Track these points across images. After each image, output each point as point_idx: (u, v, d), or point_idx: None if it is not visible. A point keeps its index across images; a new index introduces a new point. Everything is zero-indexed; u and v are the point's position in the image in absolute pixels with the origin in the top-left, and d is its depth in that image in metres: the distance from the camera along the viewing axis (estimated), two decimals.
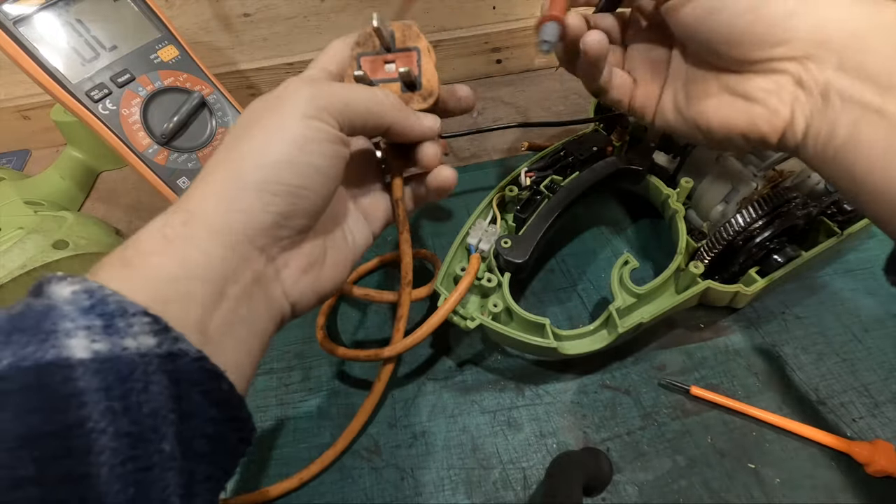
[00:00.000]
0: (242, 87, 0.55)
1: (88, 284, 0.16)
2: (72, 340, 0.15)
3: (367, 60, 0.26)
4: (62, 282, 0.17)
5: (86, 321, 0.16)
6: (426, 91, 0.26)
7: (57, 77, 0.36)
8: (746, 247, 0.32)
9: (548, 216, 0.35)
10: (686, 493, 0.29)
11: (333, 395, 0.34)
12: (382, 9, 0.52)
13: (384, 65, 0.26)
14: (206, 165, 0.22)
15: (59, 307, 0.16)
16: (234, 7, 0.50)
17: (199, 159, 0.40)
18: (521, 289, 0.38)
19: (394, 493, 0.30)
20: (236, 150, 0.21)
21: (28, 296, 0.17)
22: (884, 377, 0.32)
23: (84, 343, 0.15)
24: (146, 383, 0.16)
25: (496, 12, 0.55)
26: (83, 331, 0.15)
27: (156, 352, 0.16)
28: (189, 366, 0.17)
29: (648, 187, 0.39)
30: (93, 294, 0.16)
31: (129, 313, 0.16)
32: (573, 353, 0.31)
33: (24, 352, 0.14)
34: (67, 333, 0.15)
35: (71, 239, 0.41)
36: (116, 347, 0.15)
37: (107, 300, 0.16)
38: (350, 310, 0.39)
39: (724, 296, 0.33)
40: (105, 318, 0.16)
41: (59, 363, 0.15)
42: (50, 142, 0.57)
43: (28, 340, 0.15)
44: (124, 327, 0.16)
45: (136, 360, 0.16)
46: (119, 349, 0.15)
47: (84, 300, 0.16)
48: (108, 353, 0.15)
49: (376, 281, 0.40)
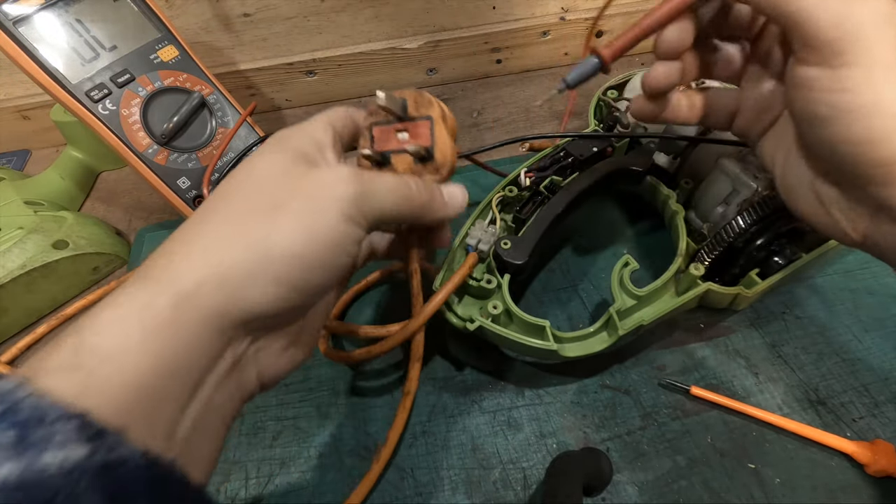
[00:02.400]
0: (242, 87, 0.55)
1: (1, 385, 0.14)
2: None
3: (378, 130, 0.25)
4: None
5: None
6: (439, 163, 0.25)
7: (57, 77, 0.36)
8: (747, 249, 0.32)
9: (547, 217, 0.35)
10: (686, 493, 0.29)
11: (333, 395, 0.34)
12: (382, 8, 0.52)
13: (396, 134, 0.25)
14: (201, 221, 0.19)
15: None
16: (234, 7, 0.50)
17: (198, 159, 0.40)
18: (520, 290, 0.38)
19: (394, 493, 0.30)
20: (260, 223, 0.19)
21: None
22: (884, 377, 0.32)
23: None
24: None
25: (496, 12, 0.55)
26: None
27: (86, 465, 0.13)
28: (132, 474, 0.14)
29: (648, 188, 0.39)
30: (3, 398, 0.13)
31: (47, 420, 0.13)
32: (573, 355, 0.31)
33: None
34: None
35: (71, 239, 0.41)
36: (31, 468, 0.12)
37: (19, 405, 0.13)
38: (351, 310, 0.39)
39: (725, 298, 0.33)
40: (18, 429, 0.13)
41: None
42: (50, 142, 0.57)
43: None
44: (42, 438, 0.13)
45: (59, 483, 0.13)
46: (35, 470, 0.12)
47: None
48: (17, 479, 0.12)
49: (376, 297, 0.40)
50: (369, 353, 0.31)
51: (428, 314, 0.29)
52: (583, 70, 0.25)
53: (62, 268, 0.40)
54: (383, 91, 0.24)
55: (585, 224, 0.42)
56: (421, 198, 0.23)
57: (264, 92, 0.57)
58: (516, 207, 0.36)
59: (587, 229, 0.42)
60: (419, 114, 0.25)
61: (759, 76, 0.26)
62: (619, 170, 0.37)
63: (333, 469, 0.31)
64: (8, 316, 0.39)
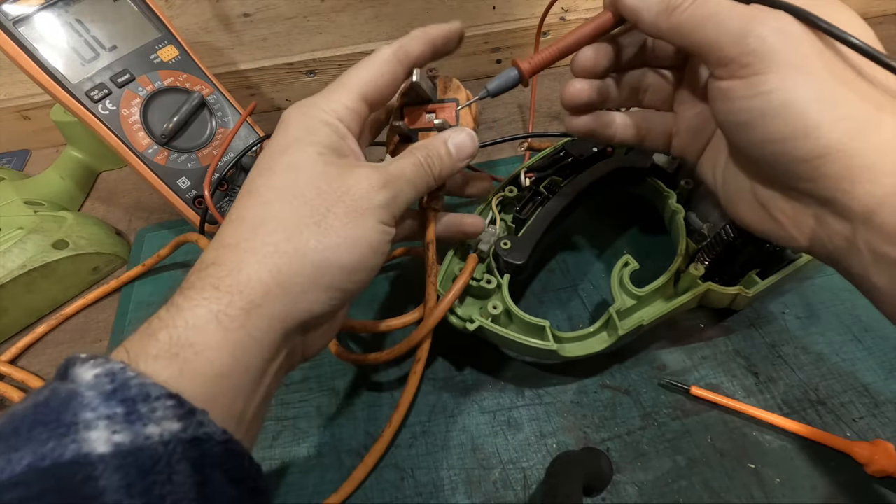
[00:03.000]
0: (242, 87, 0.55)
1: (111, 366, 0.16)
2: (92, 433, 0.15)
3: (409, 110, 0.29)
4: (85, 364, 0.16)
5: (107, 409, 0.15)
6: None
7: (57, 77, 0.36)
8: (747, 249, 0.32)
9: (547, 217, 0.35)
10: (686, 493, 0.29)
11: (333, 395, 0.34)
12: (382, 8, 0.52)
13: (425, 115, 0.29)
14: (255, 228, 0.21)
15: (80, 394, 0.15)
16: (234, 7, 0.50)
17: (198, 159, 0.40)
18: (520, 290, 0.38)
19: (394, 493, 0.30)
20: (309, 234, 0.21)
21: (54, 377, 0.17)
22: (884, 377, 0.32)
23: (105, 435, 0.15)
24: (169, 474, 0.15)
25: (496, 12, 0.55)
26: (104, 420, 0.15)
27: (180, 437, 0.16)
28: (214, 449, 0.16)
29: (648, 188, 0.38)
30: (115, 377, 0.16)
31: (151, 397, 0.16)
32: (573, 355, 0.31)
33: (44, 450, 0.14)
34: (88, 425, 0.15)
35: (71, 239, 0.41)
36: (139, 437, 0.15)
37: (129, 384, 0.16)
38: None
39: (725, 298, 0.33)
40: (127, 405, 0.15)
41: (79, 460, 0.14)
42: (50, 142, 0.57)
43: (48, 436, 0.14)
44: (147, 413, 0.15)
45: (160, 450, 0.15)
46: (141, 439, 0.15)
47: (106, 384, 0.16)
48: (129, 444, 0.15)
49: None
50: (378, 358, 0.32)
51: (436, 319, 0.30)
52: (503, 81, 0.27)
53: (62, 268, 0.40)
54: (417, 70, 0.27)
55: (585, 224, 0.42)
56: (434, 170, 0.26)
57: (264, 92, 0.57)
58: (516, 207, 0.36)
59: (587, 229, 0.42)
60: (447, 97, 0.29)
61: (689, 99, 0.27)
62: (619, 170, 0.37)
63: (333, 469, 0.31)
64: (8, 316, 0.39)
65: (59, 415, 0.15)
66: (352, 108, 0.24)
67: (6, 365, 0.36)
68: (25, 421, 0.15)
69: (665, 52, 0.28)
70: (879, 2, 0.62)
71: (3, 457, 0.14)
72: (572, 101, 0.28)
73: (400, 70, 0.26)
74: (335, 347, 0.34)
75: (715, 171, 0.26)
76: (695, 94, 0.27)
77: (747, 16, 0.20)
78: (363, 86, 0.25)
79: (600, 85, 0.28)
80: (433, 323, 0.30)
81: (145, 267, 0.41)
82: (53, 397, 0.15)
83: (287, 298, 0.20)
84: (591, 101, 0.28)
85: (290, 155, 0.23)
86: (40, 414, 0.15)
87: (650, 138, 0.29)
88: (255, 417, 0.20)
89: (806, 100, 0.19)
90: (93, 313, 0.41)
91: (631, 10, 0.24)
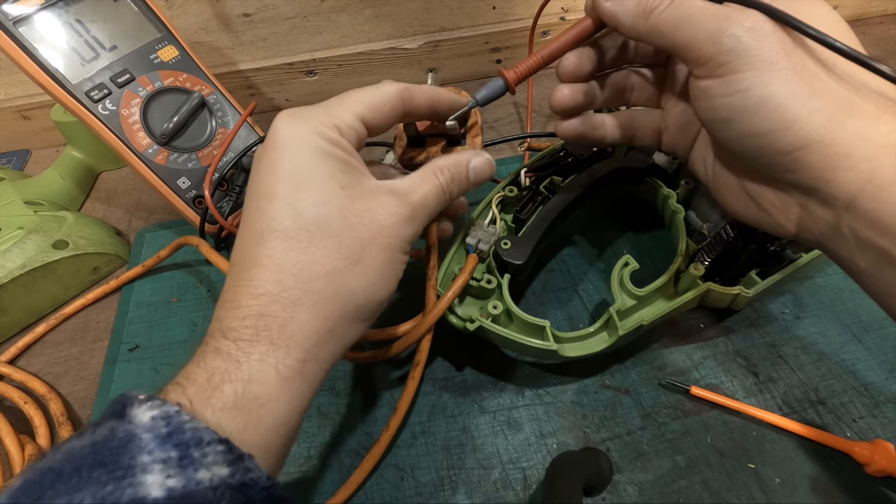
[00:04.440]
0: (242, 87, 0.55)
1: (166, 409, 0.17)
2: (148, 477, 0.15)
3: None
4: (143, 405, 0.17)
5: (162, 453, 0.16)
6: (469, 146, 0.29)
7: (57, 77, 0.36)
8: (747, 249, 0.32)
9: (547, 217, 0.35)
10: (686, 493, 0.29)
11: (333, 395, 0.34)
12: (382, 8, 0.52)
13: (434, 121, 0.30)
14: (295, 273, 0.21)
15: (138, 436, 0.16)
16: (234, 7, 0.50)
17: (198, 159, 0.40)
18: (520, 290, 0.38)
19: (394, 493, 0.30)
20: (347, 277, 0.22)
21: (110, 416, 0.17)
22: (884, 377, 0.32)
23: (160, 479, 0.15)
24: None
25: (496, 12, 0.55)
26: (159, 464, 0.16)
27: (228, 482, 0.16)
28: (258, 494, 0.17)
29: (648, 188, 0.38)
30: (170, 420, 0.16)
31: (204, 442, 0.16)
32: (573, 355, 0.31)
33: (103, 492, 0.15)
34: (144, 469, 0.15)
35: (71, 239, 0.41)
36: (191, 482, 0.16)
37: (183, 427, 0.16)
38: None
39: (725, 297, 0.33)
40: (181, 449, 0.16)
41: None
42: (50, 142, 0.57)
43: (108, 478, 0.15)
44: (199, 458, 0.16)
45: (209, 496, 0.16)
46: (193, 484, 0.16)
47: (162, 427, 0.16)
48: (181, 489, 0.15)
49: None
50: (374, 357, 0.31)
51: (434, 318, 0.30)
52: (490, 91, 0.29)
53: (62, 268, 0.40)
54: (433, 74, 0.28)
55: (585, 224, 0.42)
56: (452, 195, 0.26)
57: (264, 92, 0.57)
58: (516, 207, 0.36)
59: (587, 229, 0.42)
60: None
61: (675, 96, 0.28)
62: (619, 170, 0.37)
63: (333, 469, 0.31)
64: (8, 316, 0.39)
65: (117, 456, 0.16)
66: (351, 126, 0.24)
67: (6, 365, 0.36)
68: (85, 461, 0.15)
69: (646, 51, 0.29)
70: (879, 2, 0.62)
71: (64, 496, 0.15)
72: (560, 106, 0.29)
73: (400, 108, 0.26)
74: None
75: (706, 165, 0.27)
76: (678, 91, 0.28)
77: (721, 16, 0.21)
78: (364, 109, 0.24)
79: (586, 88, 0.29)
80: (433, 320, 0.30)
81: (145, 267, 0.41)
82: (112, 437, 0.16)
83: (335, 341, 0.22)
84: (579, 104, 0.29)
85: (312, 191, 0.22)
86: (99, 455, 0.16)
87: (640, 136, 0.30)
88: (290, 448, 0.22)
89: (782, 94, 0.20)
90: (93, 313, 0.41)
91: (609, 14, 0.24)
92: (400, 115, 0.26)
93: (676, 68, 0.28)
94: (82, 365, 0.38)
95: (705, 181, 0.28)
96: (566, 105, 0.28)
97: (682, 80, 0.27)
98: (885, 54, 0.58)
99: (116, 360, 0.37)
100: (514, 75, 0.28)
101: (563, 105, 0.28)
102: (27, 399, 0.34)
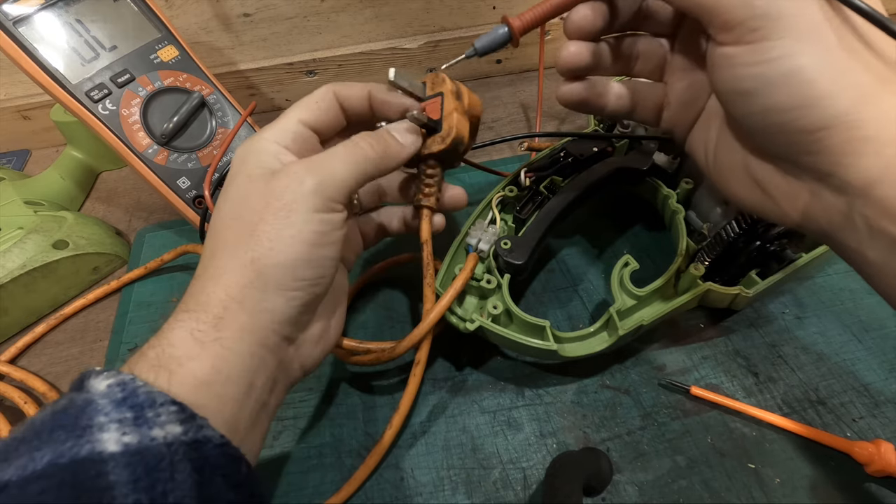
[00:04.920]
0: (242, 87, 0.55)
1: (122, 377, 0.18)
2: (104, 434, 0.16)
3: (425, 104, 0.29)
4: (99, 376, 0.18)
5: (118, 414, 0.17)
6: (444, 132, 0.28)
7: (57, 77, 0.36)
8: (747, 249, 0.32)
9: (548, 217, 0.35)
10: (686, 493, 0.29)
11: (333, 395, 0.34)
12: (382, 8, 0.52)
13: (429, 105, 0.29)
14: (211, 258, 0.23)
15: (95, 401, 0.17)
16: (234, 7, 0.50)
17: (198, 159, 0.40)
18: (520, 290, 0.38)
19: (394, 493, 0.30)
20: (246, 247, 0.22)
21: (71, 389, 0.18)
22: (884, 377, 0.32)
23: (115, 436, 0.16)
24: (172, 472, 0.16)
25: (496, 12, 0.55)
26: (115, 423, 0.16)
27: (182, 440, 0.17)
28: (212, 451, 0.18)
29: (648, 188, 0.39)
30: (125, 386, 0.17)
31: (157, 403, 0.17)
32: (573, 355, 0.31)
33: (62, 448, 0.16)
34: (101, 427, 0.16)
35: (71, 239, 0.41)
36: (145, 438, 0.16)
37: (137, 392, 0.17)
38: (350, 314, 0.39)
39: (725, 298, 0.33)
40: (135, 410, 0.17)
41: (93, 458, 0.16)
42: (50, 142, 0.57)
43: (66, 437, 0.16)
44: (153, 417, 0.17)
45: (164, 451, 0.16)
46: (147, 440, 0.16)
47: (117, 393, 0.17)
48: (137, 444, 0.16)
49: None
50: (378, 359, 0.31)
51: (433, 321, 0.30)
52: (492, 38, 0.26)
53: (62, 268, 0.40)
54: (394, 69, 0.27)
55: (585, 224, 0.42)
56: (374, 151, 0.25)
57: (264, 92, 0.57)
58: (516, 207, 0.36)
59: (587, 229, 0.42)
60: (433, 92, 0.29)
61: (680, 70, 0.26)
62: (619, 170, 0.37)
63: (333, 469, 0.31)
64: (8, 316, 0.39)
65: (76, 419, 0.16)
66: (289, 129, 0.25)
67: (6, 365, 0.36)
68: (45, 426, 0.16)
69: (660, 16, 0.27)
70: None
71: (26, 455, 0.16)
72: (568, 64, 0.26)
73: (334, 102, 0.27)
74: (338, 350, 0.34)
75: (707, 146, 0.26)
76: (688, 63, 0.26)
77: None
78: (301, 111, 0.26)
79: (594, 48, 0.27)
80: (434, 320, 0.30)
81: (147, 269, 0.41)
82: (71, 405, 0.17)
83: (246, 310, 0.21)
84: (587, 65, 0.27)
85: (226, 190, 0.24)
86: (59, 419, 0.17)
87: (640, 110, 0.29)
88: (253, 427, 0.21)
89: (814, 68, 0.19)
90: (93, 313, 0.41)
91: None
92: (335, 107, 0.27)
93: (687, 39, 0.26)
94: (82, 365, 0.38)
95: (703, 165, 0.26)
96: (573, 63, 0.26)
97: (692, 52, 0.26)
98: None
99: (116, 360, 0.37)
100: (520, 23, 0.25)
101: (572, 63, 0.26)
102: (27, 399, 0.34)
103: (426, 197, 0.30)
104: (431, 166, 0.29)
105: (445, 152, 0.28)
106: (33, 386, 0.35)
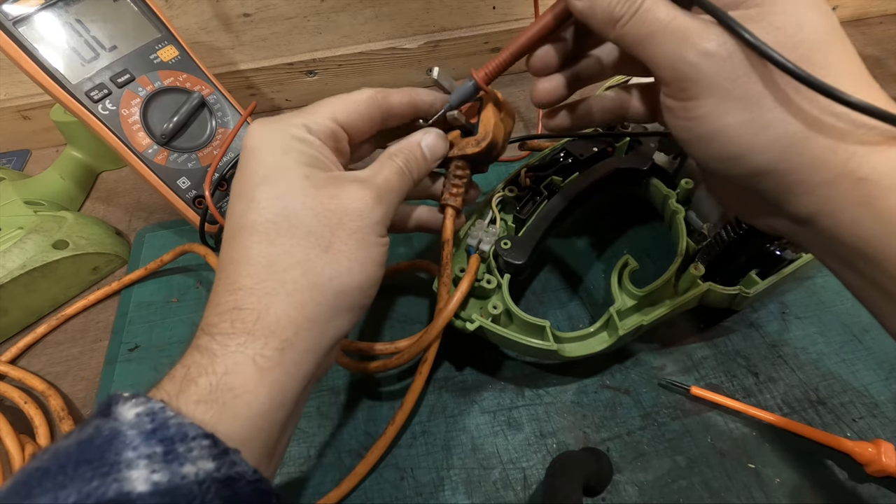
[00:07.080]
0: (242, 87, 0.55)
1: (151, 406, 0.17)
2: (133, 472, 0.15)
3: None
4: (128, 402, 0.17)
5: (147, 448, 0.16)
6: (480, 136, 0.28)
7: (57, 77, 0.36)
8: (747, 248, 0.32)
9: (548, 217, 0.35)
10: (686, 493, 0.29)
11: (334, 395, 0.34)
12: (382, 8, 0.52)
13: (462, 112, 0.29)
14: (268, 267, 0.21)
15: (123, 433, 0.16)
16: (234, 7, 0.50)
17: (198, 159, 0.40)
18: (520, 290, 0.38)
19: (393, 493, 0.30)
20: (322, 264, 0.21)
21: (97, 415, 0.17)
22: (884, 377, 0.32)
23: (144, 474, 0.15)
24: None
25: (496, 12, 0.55)
26: (144, 460, 0.16)
27: (214, 476, 0.16)
28: (244, 488, 0.17)
29: (648, 188, 0.39)
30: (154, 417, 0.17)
31: (189, 437, 0.16)
32: (573, 355, 0.31)
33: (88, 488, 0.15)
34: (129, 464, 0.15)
35: (71, 239, 0.41)
36: (176, 477, 0.16)
37: (168, 423, 0.16)
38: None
39: (725, 298, 0.33)
40: (166, 444, 0.16)
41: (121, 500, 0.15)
42: (50, 142, 0.57)
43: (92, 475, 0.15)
44: (184, 452, 0.16)
45: (195, 490, 0.16)
46: (178, 478, 0.16)
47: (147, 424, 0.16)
48: (167, 484, 0.15)
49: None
50: (385, 366, 0.31)
51: (441, 325, 0.29)
52: (462, 92, 0.28)
53: (62, 268, 0.40)
54: (437, 67, 0.27)
55: (585, 224, 0.42)
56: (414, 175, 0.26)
57: (264, 92, 0.57)
58: (516, 207, 0.36)
59: (587, 229, 0.42)
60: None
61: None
62: (619, 170, 0.37)
63: (333, 469, 0.31)
64: (8, 316, 0.39)
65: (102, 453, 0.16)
66: (321, 123, 0.24)
67: (6, 365, 0.36)
68: (71, 459, 0.16)
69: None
70: (879, 2, 0.62)
71: (50, 493, 0.15)
72: (544, 101, 0.27)
73: (376, 108, 0.26)
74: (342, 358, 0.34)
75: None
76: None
77: (680, 36, 0.20)
78: (336, 110, 0.25)
79: (567, 76, 0.27)
80: (443, 323, 0.29)
81: (147, 271, 0.41)
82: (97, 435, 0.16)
83: (316, 330, 0.21)
84: (562, 96, 0.27)
85: (274, 184, 0.22)
86: (85, 452, 0.16)
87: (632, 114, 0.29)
88: (283, 450, 0.22)
89: (735, 126, 0.19)
90: (93, 313, 0.41)
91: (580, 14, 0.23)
92: (377, 114, 0.27)
93: None
94: (82, 365, 0.38)
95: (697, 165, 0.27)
96: (549, 100, 0.27)
97: None
98: (885, 54, 0.58)
99: (116, 360, 0.37)
100: (483, 75, 0.27)
101: (546, 101, 0.27)
102: (27, 399, 0.34)
103: (453, 197, 0.30)
104: (461, 167, 0.29)
105: (479, 154, 0.28)
106: (33, 386, 0.35)
